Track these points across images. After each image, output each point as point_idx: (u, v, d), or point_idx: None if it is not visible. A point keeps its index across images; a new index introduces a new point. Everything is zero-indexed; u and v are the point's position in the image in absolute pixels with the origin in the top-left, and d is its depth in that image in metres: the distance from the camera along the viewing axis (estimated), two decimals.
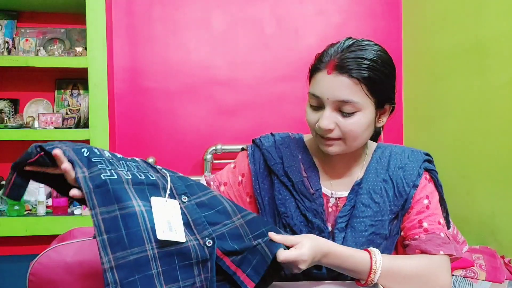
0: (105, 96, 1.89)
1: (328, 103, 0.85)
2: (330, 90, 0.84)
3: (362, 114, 0.85)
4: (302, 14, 2.35)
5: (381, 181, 0.93)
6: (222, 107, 2.29)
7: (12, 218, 1.86)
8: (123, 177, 0.74)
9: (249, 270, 0.76)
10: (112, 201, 0.71)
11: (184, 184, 0.83)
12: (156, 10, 2.23)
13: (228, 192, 1.00)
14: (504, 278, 1.66)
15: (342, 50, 0.86)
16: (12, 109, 2.06)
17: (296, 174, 0.94)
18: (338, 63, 0.84)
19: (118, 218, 0.70)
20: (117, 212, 0.70)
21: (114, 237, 0.69)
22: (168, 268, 0.71)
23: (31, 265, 1.05)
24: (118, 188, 0.72)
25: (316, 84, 0.87)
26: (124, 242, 0.68)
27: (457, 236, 1.82)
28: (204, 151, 2.19)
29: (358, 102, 0.84)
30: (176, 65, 2.25)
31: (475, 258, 1.78)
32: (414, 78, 2.36)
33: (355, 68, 0.83)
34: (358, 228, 0.90)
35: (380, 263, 0.83)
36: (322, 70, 0.86)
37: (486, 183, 1.86)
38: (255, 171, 0.97)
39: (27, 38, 2.07)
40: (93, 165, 0.74)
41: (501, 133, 1.76)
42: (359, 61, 0.84)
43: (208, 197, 0.84)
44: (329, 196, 0.95)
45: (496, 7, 1.77)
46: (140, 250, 0.69)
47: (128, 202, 0.71)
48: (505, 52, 1.73)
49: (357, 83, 0.83)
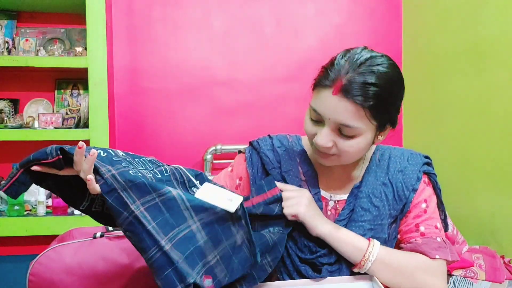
0: (105, 96, 1.89)
1: (328, 123, 0.83)
2: (333, 111, 0.81)
3: (362, 137, 0.83)
4: (302, 14, 2.35)
5: (381, 185, 0.92)
6: (222, 107, 2.29)
7: (12, 218, 1.86)
8: (146, 175, 0.77)
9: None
10: (149, 191, 0.73)
11: (194, 174, 0.87)
12: (156, 10, 2.24)
13: None
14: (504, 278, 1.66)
15: (353, 69, 0.80)
16: (12, 109, 2.06)
17: (293, 178, 0.94)
18: (344, 86, 0.79)
19: (159, 205, 0.73)
20: (157, 200, 0.73)
21: (161, 220, 0.72)
22: (212, 235, 0.76)
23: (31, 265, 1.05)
24: (147, 181, 0.74)
25: (319, 101, 0.83)
26: (171, 223, 0.73)
27: (457, 236, 1.82)
28: (204, 151, 2.19)
29: (359, 127, 0.81)
30: (176, 65, 2.25)
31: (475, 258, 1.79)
32: (414, 78, 2.36)
33: (362, 95, 0.79)
34: (357, 232, 0.89)
35: (377, 249, 0.86)
36: (328, 88, 0.81)
37: (486, 183, 1.86)
38: (253, 174, 0.97)
39: (27, 38, 2.07)
40: (116, 163, 0.75)
41: (501, 133, 1.76)
42: (367, 88, 0.79)
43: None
44: (328, 199, 0.94)
45: (495, 7, 1.77)
46: (185, 226, 0.74)
47: (163, 190, 0.74)
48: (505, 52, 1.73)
49: (361, 109, 0.80)
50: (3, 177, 2.01)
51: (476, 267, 1.73)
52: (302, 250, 0.90)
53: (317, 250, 0.89)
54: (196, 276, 0.71)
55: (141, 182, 0.73)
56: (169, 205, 0.74)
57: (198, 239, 0.74)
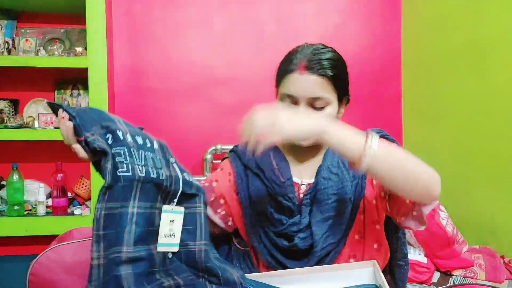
0: (105, 96, 1.89)
1: (302, 101, 0.95)
2: (305, 88, 0.94)
3: (330, 107, 0.96)
4: (302, 14, 2.35)
5: (337, 157, 1.01)
6: (222, 107, 2.29)
7: (12, 218, 1.86)
8: (137, 174, 0.75)
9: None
10: (118, 200, 0.73)
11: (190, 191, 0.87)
12: (156, 10, 2.24)
13: (220, 188, 1.05)
14: (504, 278, 1.66)
15: (310, 53, 0.97)
16: (12, 109, 2.06)
17: (267, 165, 1.03)
18: (307, 65, 0.94)
19: (116, 217, 0.72)
20: (118, 210, 0.73)
21: (109, 234, 0.72)
22: (137, 272, 0.74)
23: (31, 265, 1.06)
24: (128, 185, 0.74)
25: (291, 84, 0.96)
26: (113, 240, 0.72)
27: (457, 236, 1.82)
28: (204, 151, 2.19)
29: (327, 97, 0.95)
30: (176, 65, 2.25)
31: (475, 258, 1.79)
32: (413, 78, 2.36)
33: (323, 68, 0.94)
34: (322, 198, 0.97)
35: (376, 141, 0.80)
36: (294, 72, 0.95)
37: (486, 183, 1.86)
38: (237, 170, 1.06)
39: (27, 38, 2.07)
40: (112, 157, 0.75)
41: (500, 133, 1.76)
42: (325, 62, 0.95)
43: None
44: (300, 184, 1.02)
45: (495, 7, 1.77)
46: (117, 250, 0.72)
47: (127, 202, 0.73)
48: (504, 52, 1.73)
49: (325, 80, 0.94)
50: (3, 177, 2.01)
51: (476, 267, 1.73)
52: (275, 225, 0.99)
53: (287, 221, 0.97)
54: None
55: (117, 186, 0.73)
56: (120, 221, 0.73)
57: (121, 269, 0.73)
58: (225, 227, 1.05)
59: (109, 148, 0.74)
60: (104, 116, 0.80)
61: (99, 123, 0.77)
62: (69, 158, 2.09)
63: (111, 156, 0.74)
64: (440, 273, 1.77)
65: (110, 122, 0.79)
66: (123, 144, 0.77)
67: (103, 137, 0.76)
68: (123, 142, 0.77)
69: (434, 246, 1.78)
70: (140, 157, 0.79)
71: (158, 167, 0.81)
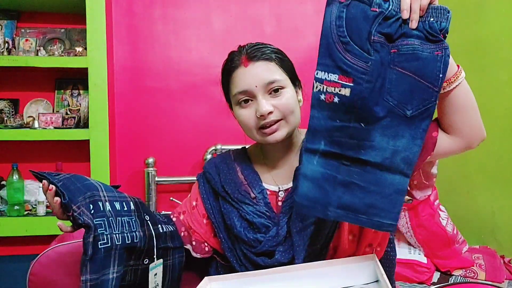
0: (105, 96, 1.89)
1: (258, 91, 0.94)
2: (255, 77, 0.94)
3: (287, 90, 0.95)
4: (302, 14, 2.35)
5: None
6: (222, 107, 2.27)
7: (12, 218, 1.86)
8: (114, 243, 0.86)
9: None
10: (99, 269, 0.83)
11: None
12: (156, 9, 2.23)
13: (186, 220, 1.06)
14: (504, 278, 1.66)
15: (248, 47, 0.98)
16: (12, 109, 2.06)
17: (232, 185, 1.00)
18: (249, 56, 0.95)
19: (98, 283, 0.83)
20: (100, 279, 0.83)
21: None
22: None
23: (31, 265, 1.05)
24: (107, 255, 0.84)
25: (240, 79, 0.95)
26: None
27: (457, 236, 1.82)
28: (204, 151, 2.19)
29: (280, 79, 0.94)
30: (176, 64, 2.25)
31: (475, 258, 1.79)
32: None
33: (263, 53, 0.96)
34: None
35: (463, 74, 0.87)
36: (239, 67, 0.96)
37: (486, 183, 1.86)
38: (205, 193, 1.06)
39: (27, 38, 2.07)
40: (94, 229, 0.84)
41: (501, 133, 1.76)
42: (263, 49, 0.97)
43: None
44: (277, 191, 0.99)
45: (496, 7, 1.77)
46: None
47: (107, 269, 0.84)
48: (505, 51, 1.73)
49: (272, 63, 0.95)
50: (3, 177, 2.01)
51: (476, 267, 1.74)
52: (252, 245, 0.95)
53: (264, 238, 0.94)
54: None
55: (99, 257, 0.84)
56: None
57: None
58: (203, 255, 1.04)
59: (91, 220, 0.84)
60: (87, 184, 0.89)
61: (84, 193, 0.87)
62: (69, 158, 2.11)
63: (93, 229, 0.83)
64: (440, 273, 1.77)
65: (93, 191, 0.89)
66: (103, 215, 0.87)
67: (87, 207, 0.85)
68: (103, 213, 0.87)
69: (434, 246, 1.78)
70: (118, 225, 0.88)
71: (133, 230, 0.91)
